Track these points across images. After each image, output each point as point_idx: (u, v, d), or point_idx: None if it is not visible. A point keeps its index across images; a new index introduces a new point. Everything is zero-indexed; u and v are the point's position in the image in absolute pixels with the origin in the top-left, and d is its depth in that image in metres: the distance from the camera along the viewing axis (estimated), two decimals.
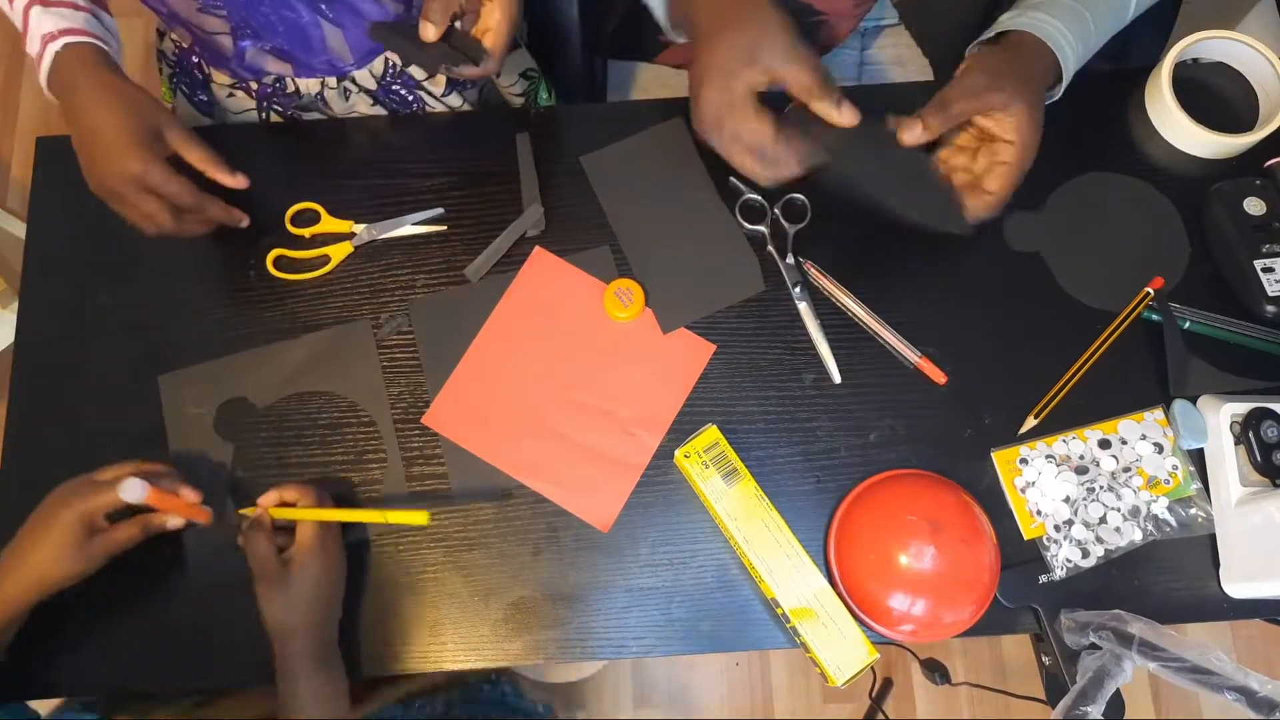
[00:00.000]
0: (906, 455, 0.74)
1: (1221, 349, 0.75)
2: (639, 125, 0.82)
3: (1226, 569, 0.70)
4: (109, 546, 0.65)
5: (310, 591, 0.65)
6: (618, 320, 0.76)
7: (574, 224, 0.80)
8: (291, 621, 0.64)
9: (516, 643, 0.71)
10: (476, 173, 0.81)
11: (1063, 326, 0.76)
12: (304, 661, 0.64)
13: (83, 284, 0.79)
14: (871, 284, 0.77)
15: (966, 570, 0.67)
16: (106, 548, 0.65)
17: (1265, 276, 0.74)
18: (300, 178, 0.81)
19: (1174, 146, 0.80)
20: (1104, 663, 0.63)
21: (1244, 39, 0.80)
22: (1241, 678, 0.58)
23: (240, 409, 0.75)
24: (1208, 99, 0.81)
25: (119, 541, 0.66)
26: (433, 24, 0.66)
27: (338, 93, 0.85)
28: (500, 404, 0.75)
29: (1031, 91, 0.69)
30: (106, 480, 0.65)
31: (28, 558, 0.64)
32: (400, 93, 0.87)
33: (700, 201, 0.80)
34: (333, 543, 0.68)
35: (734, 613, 0.71)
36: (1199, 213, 0.78)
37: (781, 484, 0.73)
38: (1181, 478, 0.72)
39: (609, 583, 0.72)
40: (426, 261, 0.79)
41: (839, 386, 0.75)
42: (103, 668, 0.70)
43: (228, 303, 0.78)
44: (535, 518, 0.73)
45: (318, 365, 0.76)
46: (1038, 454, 0.73)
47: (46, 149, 0.82)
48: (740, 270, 0.78)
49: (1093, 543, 0.70)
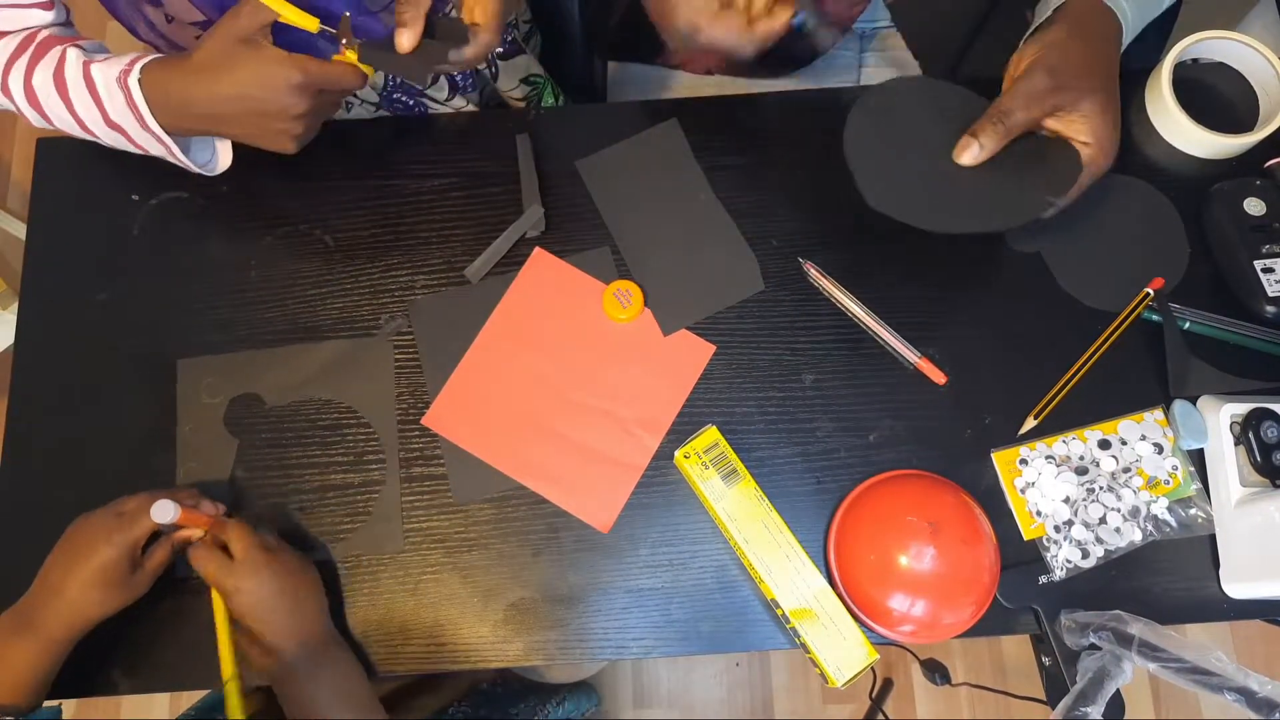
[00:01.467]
0: (906, 455, 0.74)
1: (1221, 349, 0.75)
2: (639, 126, 0.82)
3: (1226, 569, 0.70)
4: (152, 575, 0.66)
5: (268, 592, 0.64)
6: (617, 321, 0.76)
7: (574, 225, 0.80)
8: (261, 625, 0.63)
9: (516, 643, 0.71)
10: (477, 173, 0.81)
11: (1063, 326, 0.76)
12: (297, 663, 0.63)
13: (83, 284, 0.79)
14: (871, 284, 0.77)
15: (966, 571, 0.67)
16: (150, 577, 0.65)
17: (1265, 276, 0.74)
18: (300, 180, 0.81)
19: (1174, 146, 0.80)
20: (1104, 663, 0.63)
21: (1244, 39, 0.80)
22: (1241, 678, 0.58)
23: (251, 406, 0.75)
24: (1208, 99, 0.81)
25: (157, 567, 0.66)
26: (406, 28, 0.63)
27: (340, 108, 0.85)
28: (500, 405, 0.75)
29: (1102, 77, 0.61)
30: (132, 510, 0.64)
31: (68, 595, 0.62)
32: (404, 100, 0.87)
33: (698, 202, 0.80)
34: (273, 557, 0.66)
35: (734, 613, 0.71)
36: (1199, 213, 0.78)
37: (781, 484, 0.73)
38: (1181, 478, 0.72)
39: (609, 584, 0.72)
40: (426, 262, 0.79)
41: (839, 386, 0.75)
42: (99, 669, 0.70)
43: (228, 303, 0.78)
44: (535, 518, 0.73)
45: (334, 373, 0.76)
46: (1037, 454, 0.73)
47: (46, 150, 0.82)
48: (740, 270, 0.78)
49: (1093, 543, 0.70)
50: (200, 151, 0.75)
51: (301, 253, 0.79)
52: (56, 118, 0.70)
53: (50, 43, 0.69)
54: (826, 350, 0.76)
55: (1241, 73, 0.82)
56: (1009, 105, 0.62)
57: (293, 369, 0.76)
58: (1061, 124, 0.63)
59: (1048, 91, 0.61)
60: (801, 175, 0.80)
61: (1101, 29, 0.63)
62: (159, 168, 0.76)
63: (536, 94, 0.97)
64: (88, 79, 0.67)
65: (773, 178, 0.81)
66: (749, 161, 0.81)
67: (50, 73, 0.67)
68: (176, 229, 0.80)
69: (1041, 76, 0.62)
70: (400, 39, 0.64)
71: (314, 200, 0.80)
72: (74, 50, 0.68)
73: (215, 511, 0.67)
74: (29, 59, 0.68)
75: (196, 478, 0.73)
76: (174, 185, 0.80)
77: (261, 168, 0.81)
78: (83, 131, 0.70)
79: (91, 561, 0.63)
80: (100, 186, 0.81)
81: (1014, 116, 0.62)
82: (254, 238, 0.79)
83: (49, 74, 0.67)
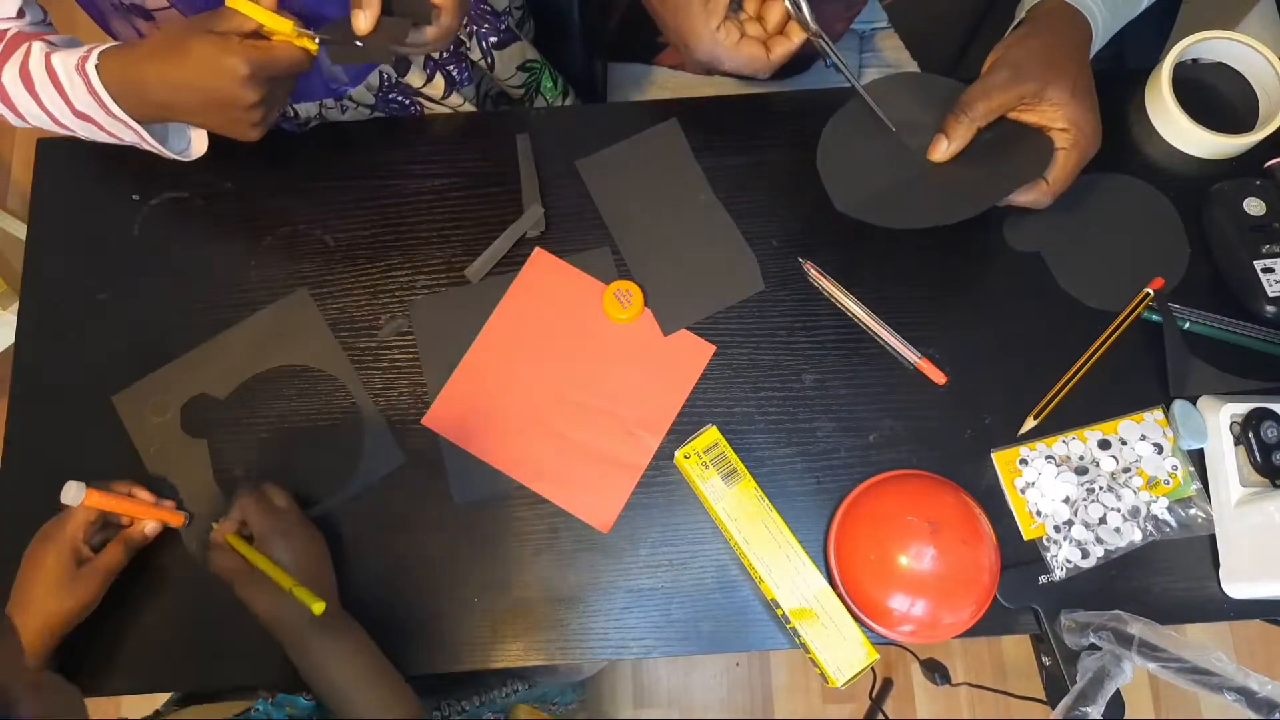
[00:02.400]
0: (906, 456, 0.74)
1: (1221, 349, 0.75)
2: (640, 126, 0.82)
3: (1226, 569, 0.70)
4: (99, 572, 0.66)
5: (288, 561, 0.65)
6: (617, 321, 0.76)
7: (574, 224, 0.80)
8: (278, 605, 0.64)
9: (516, 643, 0.71)
10: (477, 173, 0.81)
11: (1063, 326, 0.76)
12: (308, 632, 0.64)
13: (83, 284, 0.79)
14: (871, 284, 0.77)
15: (966, 571, 0.67)
16: (97, 575, 0.66)
17: (1265, 277, 0.74)
18: (300, 180, 0.81)
19: (1174, 146, 0.80)
20: (1104, 663, 0.63)
21: (1244, 39, 0.80)
22: (1241, 678, 0.58)
23: (203, 405, 0.75)
24: (1208, 99, 0.81)
25: (108, 565, 0.66)
26: (363, 9, 0.60)
27: (336, 110, 0.85)
28: (500, 405, 0.75)
29: (1067, 64, 0.63)
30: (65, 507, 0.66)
31: (31, 597, 0.64)
32: (399, 100, 0.87)
33: (698, 202, 0.80)
34: (291, 521, 0.67)
35: (734, 613, 0.71)
36: (1199, 213, 0.78)
37: (781, 484, 0.73)
38: (1181, 478, 0.72)
39: (609, 583, 0.72)
40: (426, 262, 0.79)
41: (839, 386, 0.75)
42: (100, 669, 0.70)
43: (228, 303, 0.78)
44: (535, 518, 0.73)
45: (267, 344, 0.76)
46: (1037, 454, 0.73)
47: (46, 150, 0.83)
48: (740, 270, 0.78)
49: (1092, 543, 0.70)
50: (177, 139, 0.74)
51: (301, 253, 0.79)
52: (28, 114, 0.69)
53: (18, 40, 0.68)
54: (826, 350, 0.76)
55: (1241, 73, 0.82)
56: (970, 98, 0.65)
57: (225, 356, 0.76)
58: (1035, 115, 0.65)
59: (1007, 82, 0.63)
60: (801, 175, 0.80)
61: (1065, 26, 0.66)
62: (159, 168, 0.76)
63: (534, 80, 0.96)
64: (49, 70, 0.66)
65: (773, 178, 0.81)
66: (749, 161, 0.81)
67: (17, 69, 0.67)
68: (176, 229, 0.80)
69: (1000, 69, 0.64)
70: (357, 21, 0.61)
71: (314, 200, 0.80)
72: (39, 44, 0.67)
73: (149, 499, 0.69)
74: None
75: (187, 488, 0.73)
76: (174, 185, 0.80)
77: (262, 168, 0.81)
78: (56, 125, 0.69)
79: (40, 559, 0.64)
80: (100, 186, 0.81)
81: (975, 108, 0.64)
82: (254, 238, 0.79)
83: (15, 70, 0.67)
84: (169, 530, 0.71)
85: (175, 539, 0.72)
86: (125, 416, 0.75)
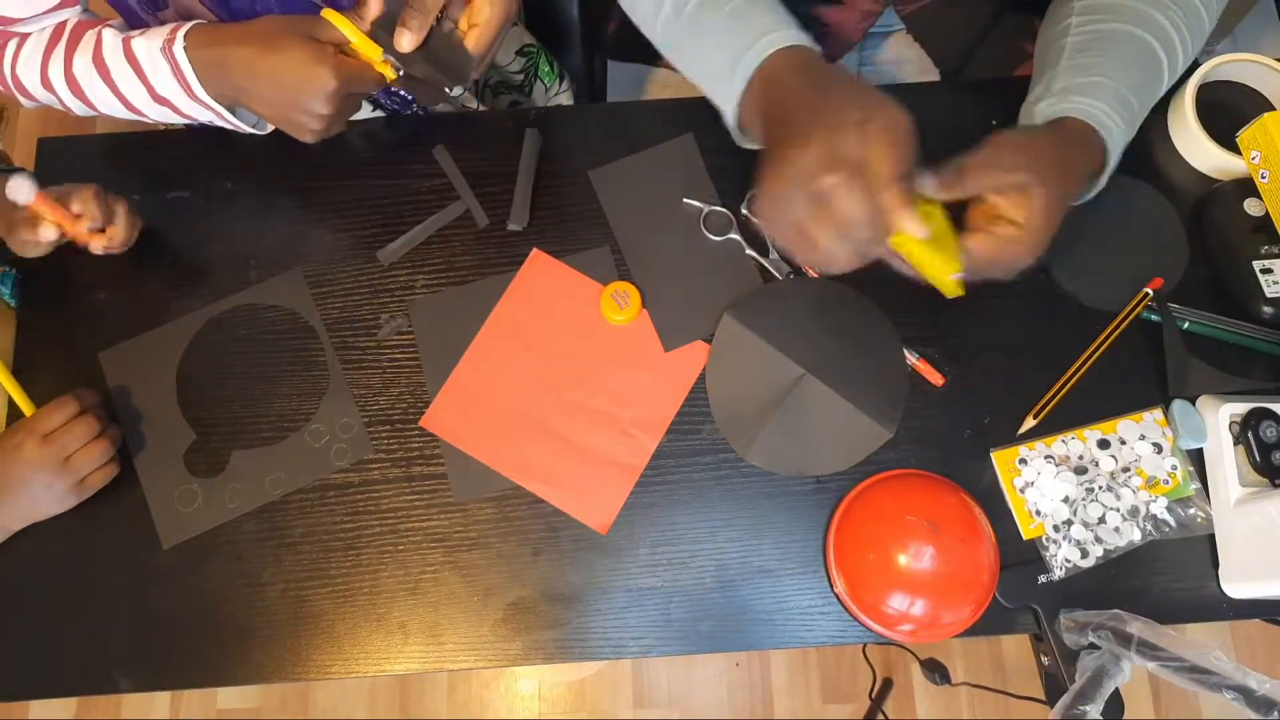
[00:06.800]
0: (906, 455, 0.74)
1: (1220, 349, 0.75)
2: (640, 126, 0.82)
3: (1226, 569, 0.70)
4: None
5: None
6: (614, 323, 0.76)
7: (573, 225, 0.80)
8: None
9: (516, 643, 0.71)
10: (477, 173, 0.81)
11: (1062, 326, 0.76)
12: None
13: (83, 284, 0.79)
14: (871, 284, 0.77)
15: (966, 570, 0.67)
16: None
17: (1264, 278, 0.74)
18: (300, 178, 0.81)
19: (1177, 150, 0.80)
20: (1103, 662, 0.63)
21: (1263, 60, 0.78)
22: (1240, 677, 0.58)
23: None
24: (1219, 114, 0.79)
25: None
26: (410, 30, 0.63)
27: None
28: (498, 406, 0.75)
29: (1063, 183, 0.60)
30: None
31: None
32: (401, 94, 0.87)
33: (709, 219, 0.79)
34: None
35: (733, 613, 0.71)
36: (1199, 213, 0.78)
37: (782, 484, 0.73)
38: (1180, 478, 0.72)
39: (608, 583, 0.72)
40: (426, 261, 0.79)
41: None
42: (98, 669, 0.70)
43: (227, 303, 0.78)
44: (535, 518, 0.73)
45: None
46: (1037, 454, 0.73)
47: (47, 149, 0.82)
48: (741, 283, 0.77)
49: (1092, 543, 0.70)
50: (246, 114, 0.74)
51: (301, 252, 0.79)
52: (101, 102, 0.69)
53: (82, 29, 0.68)
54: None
55: (1257, 89, 0.82)
56: (971, 166, 0.59)
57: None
58: (1006, 200, 0.60)
59: (1009, 168, 0.59)
60: None
61: (1086, 144, 0.62)
62: (159, 168, 0.76)
63: (532, 64, 0.96)
64: (130, 56, 0.66)
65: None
66: (749, 162, 0.81)
67: (89, 57, 0.67)
68: (176, 229, 0.80)
69: (1010, 153, 0.60)
70: (399, 39, 0.65)
71: (314, 200, 0.80)
72: (109, 31, 0.68)
73: (78, 210, 0.68)
74: (64, 48, 0.67)
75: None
76: (174, 185, 0.81)
77: (262, 167, 0.81)
78: (129, 112, 0.70)
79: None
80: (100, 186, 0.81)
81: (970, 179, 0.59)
82: (254, 238, 0.79)
83: (88, 58, 0.67)
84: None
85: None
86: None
